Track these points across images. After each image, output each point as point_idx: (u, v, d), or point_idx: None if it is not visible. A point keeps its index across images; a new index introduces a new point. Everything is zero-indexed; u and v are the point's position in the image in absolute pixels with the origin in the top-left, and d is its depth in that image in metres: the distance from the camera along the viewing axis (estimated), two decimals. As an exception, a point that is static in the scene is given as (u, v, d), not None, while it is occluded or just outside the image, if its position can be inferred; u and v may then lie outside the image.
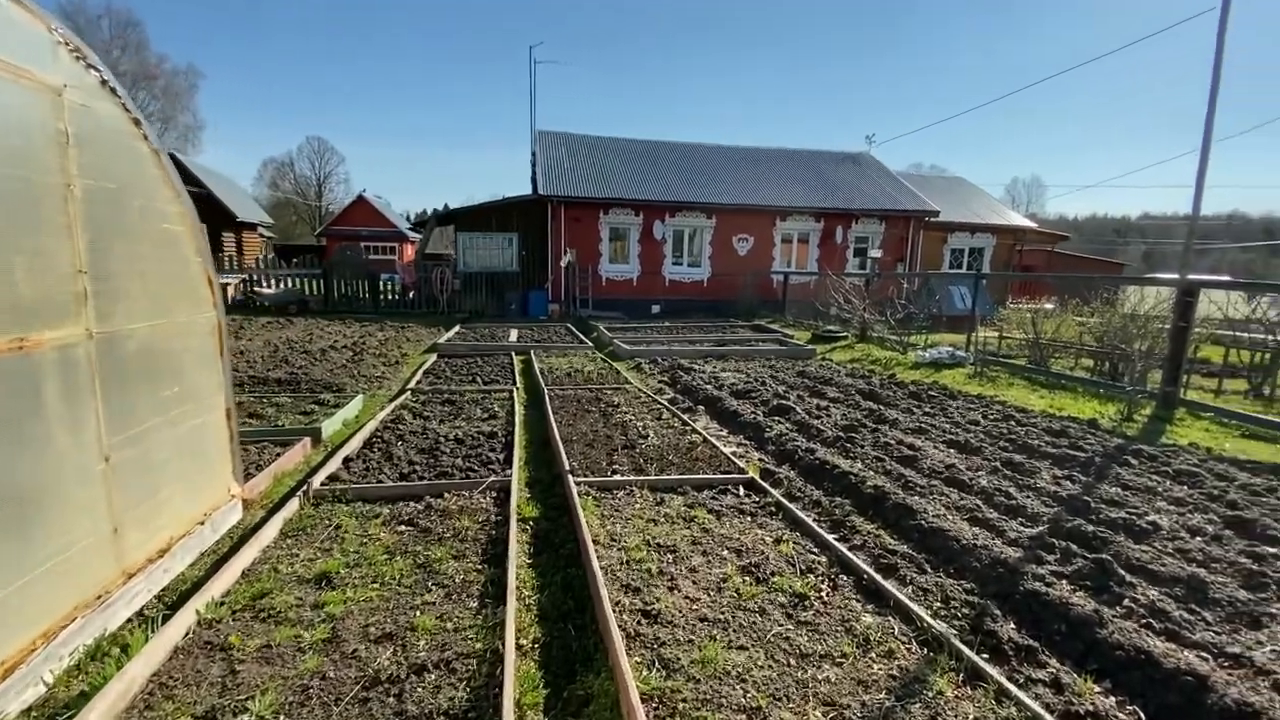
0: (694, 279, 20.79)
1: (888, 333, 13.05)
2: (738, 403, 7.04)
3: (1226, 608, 2.86)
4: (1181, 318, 7.64)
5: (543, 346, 11.37)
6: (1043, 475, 4.75)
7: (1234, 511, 4.00)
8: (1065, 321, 10.89)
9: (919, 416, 6.61)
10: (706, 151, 23.93)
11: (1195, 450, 5.64)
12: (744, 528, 3.68)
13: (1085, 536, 3.56)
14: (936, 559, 3.43)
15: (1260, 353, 9.38)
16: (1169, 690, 2.31)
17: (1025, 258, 25.42)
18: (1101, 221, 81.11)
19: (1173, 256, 50.51)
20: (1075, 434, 5.99)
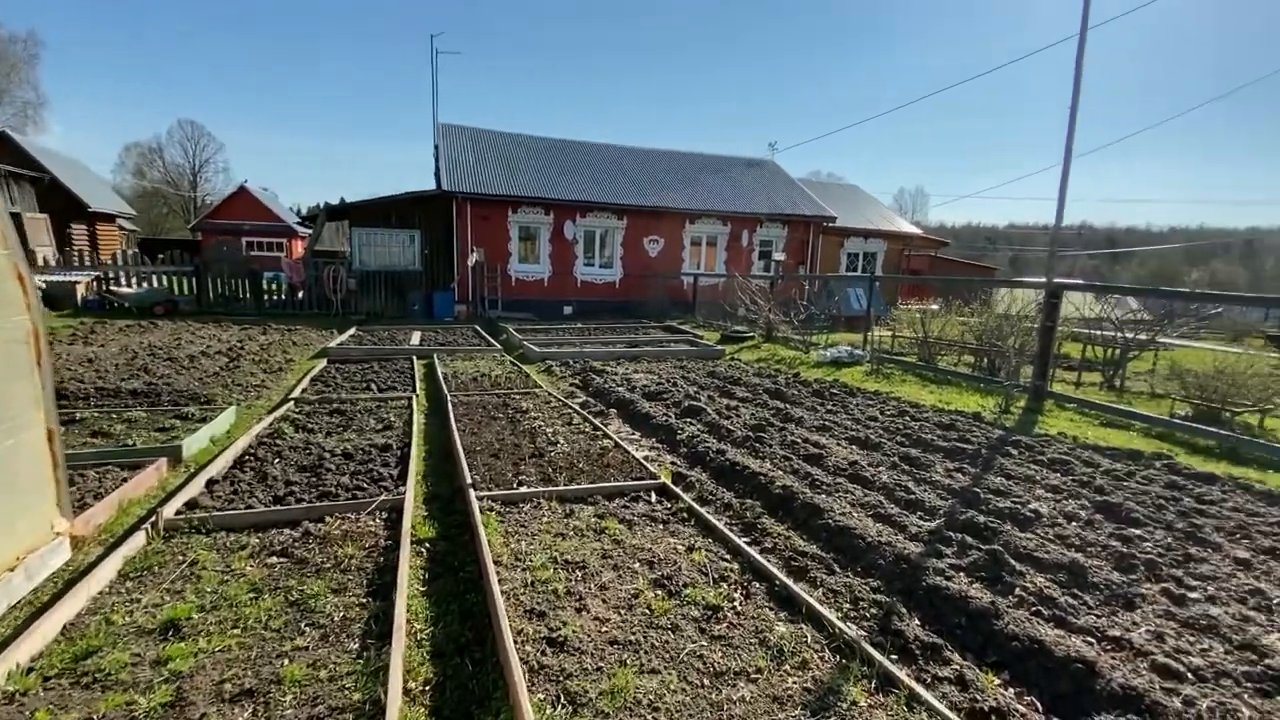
0: (606, 280, 20.66)
1: (792, 333, 13.51)
2: (650, 405, 6.95)
3: (1104, 590, 3.05)
4: (1048, 317, 8.36)
5: (447, 350, 10.81)
6: (937, 468, 4.97)
7: (1102, 496, 4.35)
8: (949, 321, 11.71)
9: (823, 414, 6.81)
10: (617, 152, 23.90)
11: (1064, 439, 6.15)
12: (656, 537, 3.55)
13: (978, 528, 3.73)
14: (844, 558, 3.46)
15: (1111, 348, 10.49)
16: (1061, 678, 2.40)
17: (912, 262, 27.32)
18: (975, 229, 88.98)
19: (1034, 262, 56.18)
20: (963, 427, 6.36)
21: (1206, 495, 4.49)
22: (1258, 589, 3.08)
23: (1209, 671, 2.41)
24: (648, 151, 24.59)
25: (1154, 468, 5.23)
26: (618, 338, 13.58)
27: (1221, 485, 4.78)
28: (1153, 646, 2.57)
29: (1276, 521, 4.01)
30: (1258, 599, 3.00)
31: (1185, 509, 4.19)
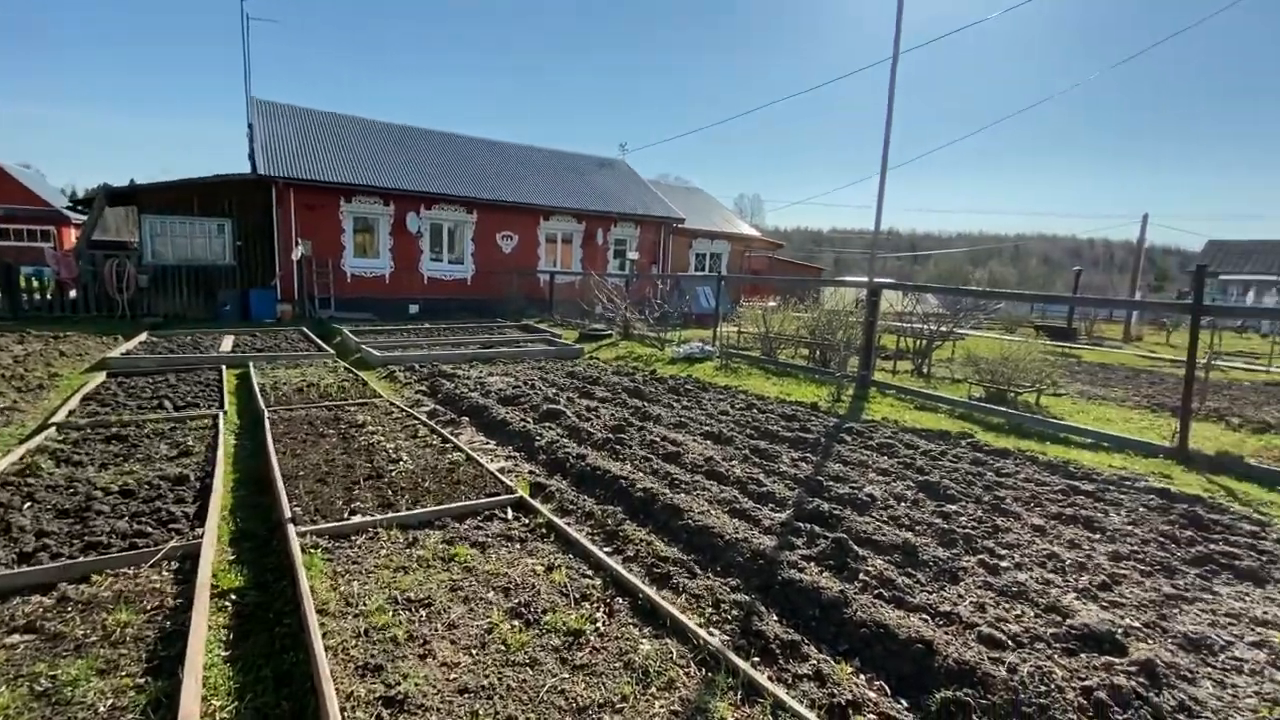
0: (456, 277, 19.61)
1: (647, 330, 13.73)
2: (506, 410, 6.59)
3: (933, 567, 3.32)
4: (870, 314, 9.25)
5: (267, 356, 9.51)
6: (783, 459, 5.22)
7: (923, 476, 4.81)
8: (787, 317, 12.58)
9: (679, 411, 6.91)
10: (467, 143, 22.74)
11: (888, 424, 6.80)
12: (513, 558, 3.28)
13: (823, 516, 3.92)
14: (705, 559, 3.45)
15: (918, 339, 11.89)
16: (904, 660, 2.53)
17: (753, 262, 29.22)
18: (805, 233, 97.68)
19: (853, 263, 62.89)
20: (803, 417, 6.79)
21: (1004, 469, 5.16)
22: (1053, 553, 3.55)
23: (1025, 636, 2.69)
24: (500, 144, 23.74)
25: (960, 446, 5.94)
26: (470, 338, 12.89)
27: (1014, 459, 5.54)
28: (977, 618, 2.82)
29: (1060, 489, 4.69)
30: (1054, 562, 3.45)
31: (989, 483, 4.77)
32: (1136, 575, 3.36)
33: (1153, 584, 3.27)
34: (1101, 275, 69.64)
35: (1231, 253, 40.84)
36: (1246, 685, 2.46)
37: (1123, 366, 13.97)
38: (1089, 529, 3.99)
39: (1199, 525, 4.12)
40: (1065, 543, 3.74)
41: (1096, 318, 25.91)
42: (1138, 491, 4.77)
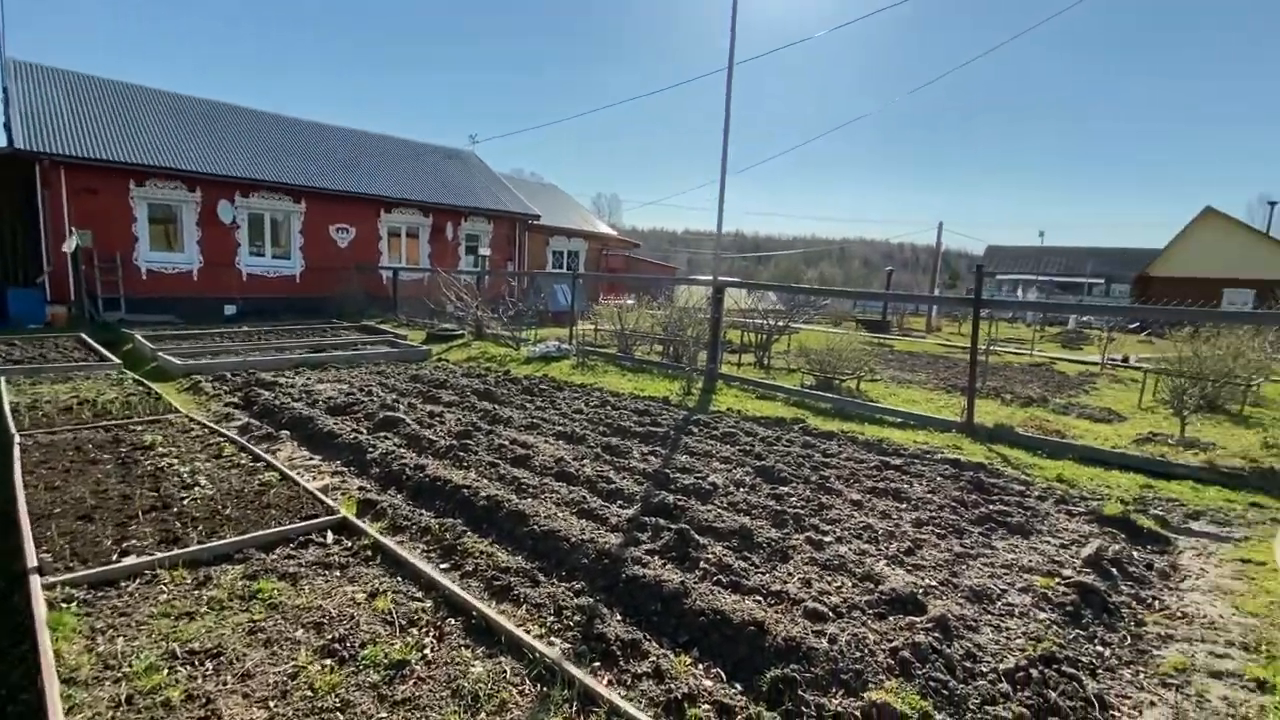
0: (283, 273, 17.61)
1: (502, 329, 13.30)
2: (336, 420, 5.98)
3: (767, 549, 3.50)
4: (715, 310, 9.70)
5: (26, 369, 7.83)
6: (634, 454, 5.26)
7: (760, 462, 5.09)
8: (642, 315, 12.85)
9: (532, 412, 6.73)
10: (294, 125, 20.46)
11: (732, 414, 7.15)
12: (330, 588, 2.93)
13: (668, 508, 3.98)
14: (549, 564, 3.34)
15: (759, 334, 12.72)
16: (739, 644, 2.61)
17: (610, 261, 29.60)
18: (661, 233, 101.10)
19: (705, 263, 66.30)
20: (655, 411, 6.93)
21: (829, 450, 5.62)
22: (868, 524, 3.89)
23: (844, 607, 2.90)
24: (334, 128, 21.67)
25: (793, 431, 6.39)
26: (298, 342, 11.62)
27: (838, 440, 6.06)
28: (804, 594, 2.99)
29: (874, 465, 5.20)
30: (869, 533, 3.78)
31: (817, 463, 5.16)
32: (934, 538, 3.80)
33: (946, 545, 3.71)
34: (909, 275, 79.75)
35: (1005, 256, 48.74)
36: (1017, 627, 2.85)
37: (926, 354, 16.03)
38: (898, 500, 4.45)
39: (981, 489, 4.77)
40: (879, 514, 4.14)
41: (905, 312, 29.58)
42: (935, 463, 5.43)
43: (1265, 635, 2.94)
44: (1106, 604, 3.17)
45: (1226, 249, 34.07)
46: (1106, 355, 15.81)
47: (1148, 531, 4.20)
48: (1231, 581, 3.60)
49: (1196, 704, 2.46)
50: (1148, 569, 3.68)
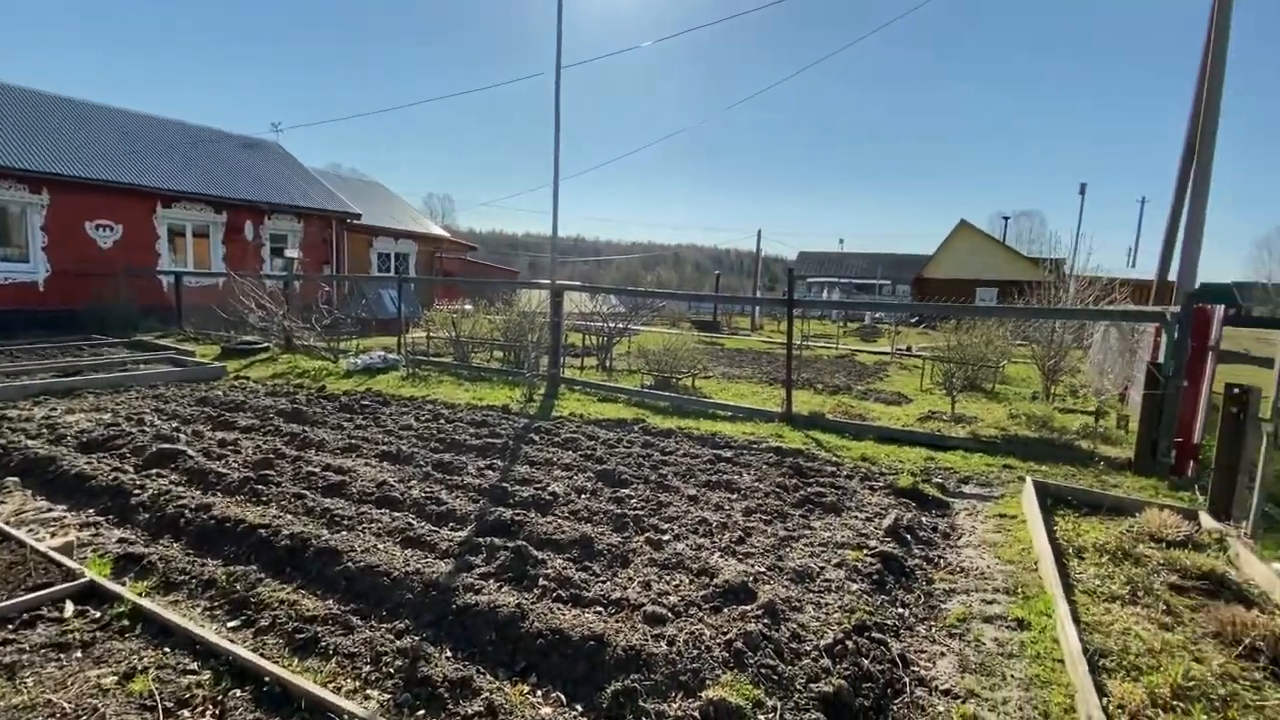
0: (19, 280, 14.24)
1: (316, 341, 11.95)
2: (90, 459, 4.88)
3: (608, 555, 3.44)
4: (556, 314, 9.58)
5: None
6: (469, 470, 4.94)
7: (602, 465, 5.05)
8: (480, 320, 12.32)
9: (351, 431, 6.07)
10: (36, 101, 16.58)
11: (574, 419, 7.07)
12: (67, 676, 2.32)
13: (505, 525, 3.77)
14: (368, 605, 2.97)
15: (601, 337, 12.83)
16: (579, 662, 2.50)
17: (445, 264, 28.13)
18: (500, 236, 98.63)
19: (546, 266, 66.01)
20: (494, 422, 6.62)
21: (667, 448, 5.75)
22: (704, 518, 4.00)
23: (682, 605, 2.92)
24: (94, 107, 17.93)
25: (634, 431, 6.47)
26: (41, 364, 9.42)
27: (675, 437, 6.24)
28: (644, 598, 2.97)
29: (708, 459, 5.41)
30: (704, 527, 3.89)
31: (655, 462, 5.25)
32: (761, 525, 4.01)
33: (772, 530, 3.94)
34: (735, 278, 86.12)
35: (813, 260, 54.58)
36: (834, 602, 3.08)
37: (751, 350, 17.33)
38: (730, 491, 4.66)
39: (801, 473, 5.17)
40: (713, 507, 4.29)
41: (733, 312, 31.84)
42: (761, 452, 5.81)
43: (1020, 579, 3.49)
44: (904, 568, 3.57)
45: (976, 255, 41.30)
46: (895, 346, 18.29)
47: (932, 499, 4.84)
48: (994, 535, 4.25)
49: (975, 648, 2.83)
50: (934, 532, 4.23)
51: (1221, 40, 8.13)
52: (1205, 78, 8.30)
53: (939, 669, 2.68)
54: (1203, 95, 8.33)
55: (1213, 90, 8.13)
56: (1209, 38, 8.31)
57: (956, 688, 2.53)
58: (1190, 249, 8.43)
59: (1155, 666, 2.51)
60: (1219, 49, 8.12)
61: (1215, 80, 8.13)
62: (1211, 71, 8.16)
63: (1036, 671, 2.60)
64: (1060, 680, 2.52)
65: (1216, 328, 5.71)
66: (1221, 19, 8.14)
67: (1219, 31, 8.14)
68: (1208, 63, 8.27)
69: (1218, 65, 8.12)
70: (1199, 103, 8.46)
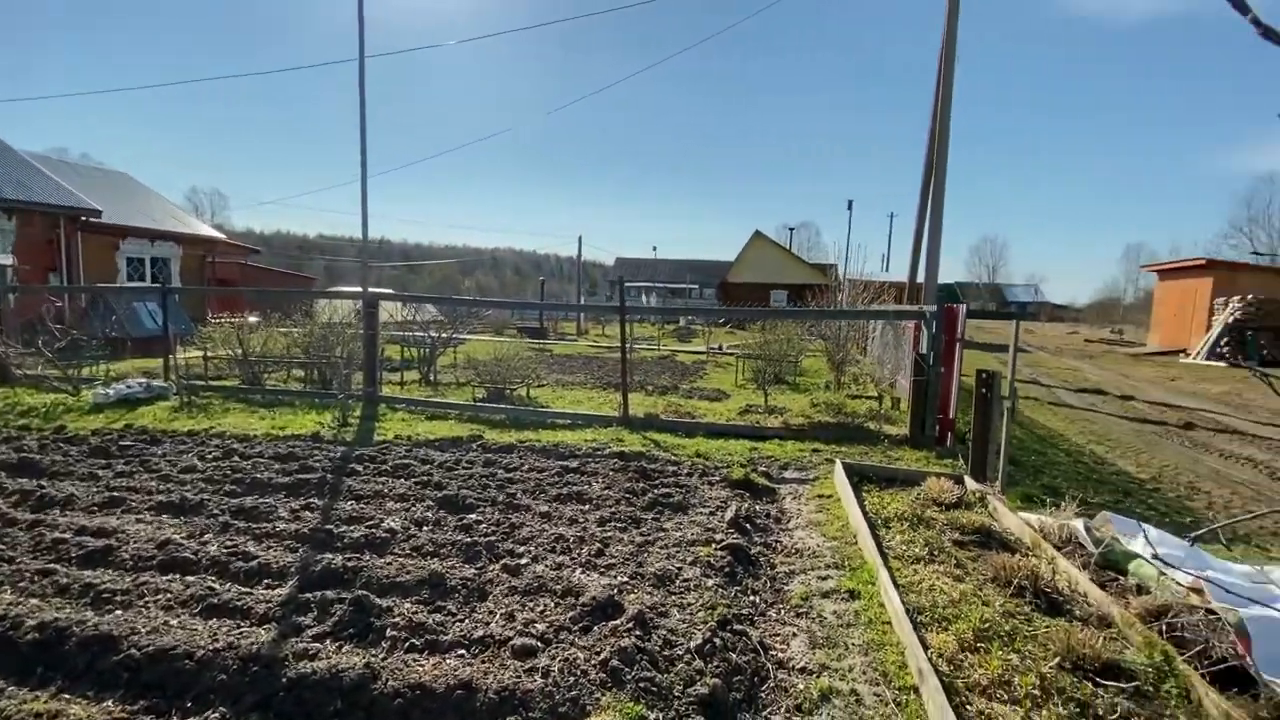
0: None
1: (46, 368, 9.53)
2: None
3: (462, 591, 3.19)
4: (369, 325, 8.74)
5: None
6: (280, 513, 4.28)
7: (441, 492, 4.69)
8: (273, 335, 10.79)
9: (110, 481, 4.92)
10: None
11: (401, 442, 6.49)
12: None
13: (336, 574, 3.32)
14: (166, 700, 2.41)
15: (422, 348, 11.99)
16: (447, 714, 2.27)
17: (220, 270, 24.22)
18: (288, 237, 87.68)
19: (349, 272, 60.09)
20: (303, 453, 5.82)
21: (511, 464, 5.54)
22: (560, 535, 3.90)
23: (551, 632, 2.81)
24: None
25: (473, 450, 6.13)
26: None
27: (518, 451, 6.03)
28: (510, 631, 2.80)
29: (555, 471, 5.30)
30: (562, 544, 3.79)
31: (501, 481, 5.02)
32: (618, 533, 4.03)
33: (629, 537, 3.98)
34: (557, 283, 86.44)
35: (630, 266, 56.79)
36: (696, 600, 3.19)
37: (580, 355, 17.49)
38: (581, 502, 4.62)
39: (646, 476, 5.30)
40: (567, 521, 4.21)
41: (558, 318, 31.91)
42: (606, 458, 5.85)
43: (845, 552, 3.93)
44: (749, 557, 3.82)
45: (770, 262, 46.19)
46: (709, 346, 19.71)
47: (762, 487, 5.26)
48: (817, 515, 4.74)
49: (819, 623, 3.11)
50: (768, 519, 4.59)
51: (948, 90, 10.02)
52: (937, 117, 10.17)
53: (793, 649, 2.90)
54: (935, 131, 10.20)
55: (943, 130, 9.99)
56: (938, 91, 10.19)
57: (810, 664, 2.76)
58: (933, 257, 10.25)
59: (958, 615, 2.98)
60: (945, 95, 9.99)
61: (944, 123, 9.99)
62: (941, 114, 10.02)
63: (871, 636, 2.95)
64: (891, 640, 2.88)
65: (962, 323, 7.00)
66: (946, 78, 10.03)
67: (945, 88, 10.03)
68: (938, 107, 10.15)
69: (945, 109, 9.99)
70: (932, 138, 10.34)
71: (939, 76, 10.25)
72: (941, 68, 10.14)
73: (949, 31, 9.89)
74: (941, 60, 10.15)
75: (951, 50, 9.94)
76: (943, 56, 10.09)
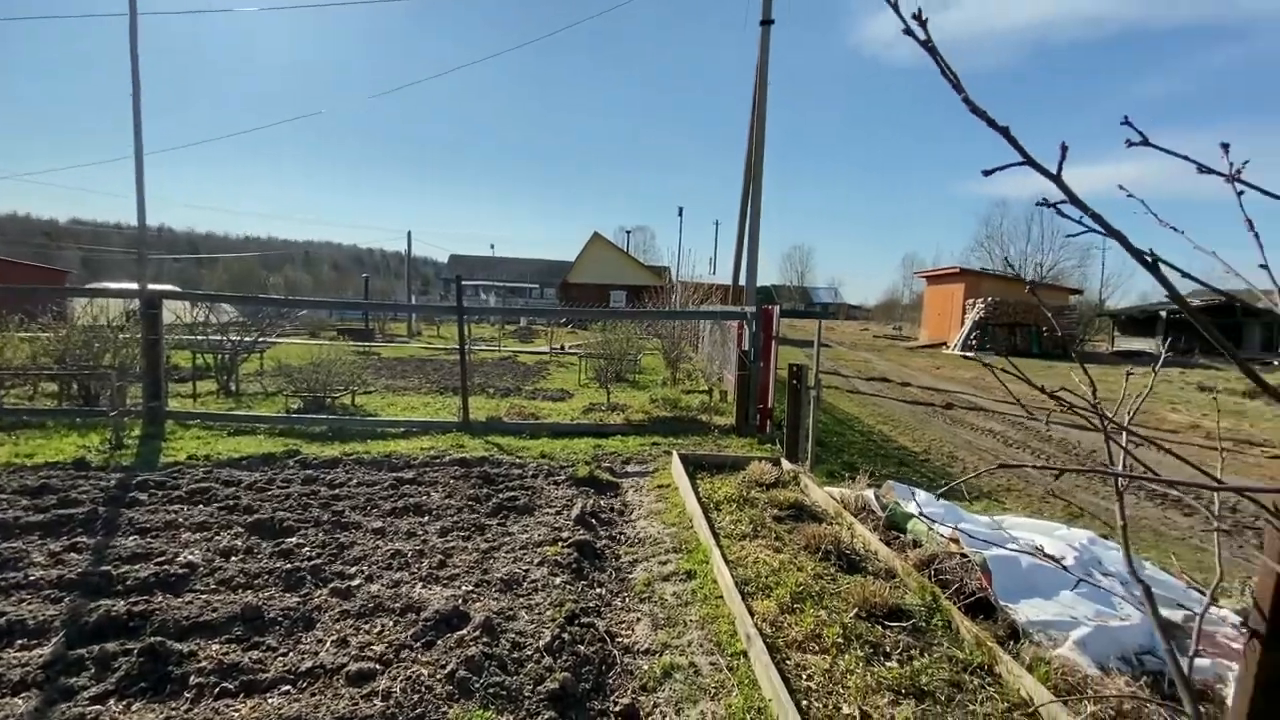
0: None
1: None
2: None
3: (284, 622, 2.89)
4: (151, 330, 7.47)
5: None
6: (35, 558, 3.53)
7: (253, 516, 4.19)
8: (10, 342, 8.76)
9: None
10: None
11: (199, 462, 5.66)
12: None
13: (120, 622, 2.83)
14: None
15: (220, 355, 10.49)
16: (272, 760, 2.07)
17: (-76, 260, 19.02)
18: (28, 222, 71.40)
19: (115, 264, 50.47)
20: (62, 485, 4.83)
21: (337, 479, 5.09)
22: (397, 551, 3.69)
23: (391, 652, 2.66)
24: None
25: (289, 467, 5.53)
26: None
27: (344, 465, 5.56)
28: (343, 657, 2.60)
29: (389, 484, 4.98)
30: (400, 560, 3.59)
31: (325, 499, 4.60)
32: (461, 542, 3.92)
33: (473, 545, 3.88)
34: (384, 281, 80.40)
35: (467, 264, 54.64)
36: (544, 600, 3.22)
37: (413, 358, 16.49)
38: (420, 514, 4.41)
39: (490, 481, 5.20)
40: (405, 535, 4.00)
41: (386, 318, 29.73)
42: (446, 466, 5.63)
43: (682, 536, 4.21)
44: (595, 550, 3.93)
45: (609, 263, 47.24)
46: (551, 345, 19.70)
47: (606, 482, 5.43)
48: (657, 504, 5.01)
49: (660, 606, 3.31)
50: (613, 512, 4.76)
51: (761, 121, 11.06)
52: (752, 141, 11.19)
53: (638, 633, 3.06)
54: (751, 152, 11.21)
55: (758, 151, 11.02)
56: (752, 122, 11.22)
57: (654, 645, 2.93)
58: (752, 263, 11.28)
59: (778, 582, 3.35)
60: (760, 123, 11.03)
61: (759, 144, 11.02)
62: (756, 138, 11.04)
63: (707, 611, 3.20)
64: (723, 613, 3.16)
65: (777, 322, 7.80)
66: (760, 107, 11.07)
67: (759, 118, 11.06)
68: (753, 133, 11.17)
69: (760, 133, 11.03)
70: (749, 160, 11.36)
71: (754, 107, 11.26)
72: (756, 94, 11.16)
73: (761, 62, 10.92)
74: (756, 88, 11.16)
75: (763, 88, 10.98)
76: (757, 83, 11.11)
